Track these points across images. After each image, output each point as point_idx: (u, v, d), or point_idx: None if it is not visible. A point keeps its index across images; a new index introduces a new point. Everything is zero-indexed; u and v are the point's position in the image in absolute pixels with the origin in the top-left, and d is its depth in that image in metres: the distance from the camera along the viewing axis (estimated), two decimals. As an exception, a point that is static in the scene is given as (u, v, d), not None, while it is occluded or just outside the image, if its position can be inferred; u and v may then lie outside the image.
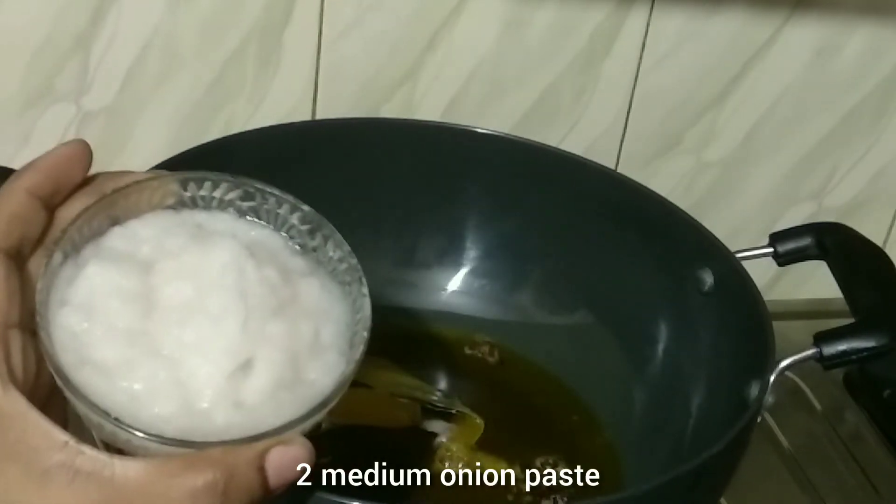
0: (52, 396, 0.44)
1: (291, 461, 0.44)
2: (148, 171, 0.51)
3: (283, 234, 0.50)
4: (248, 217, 0.50)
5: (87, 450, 0.42)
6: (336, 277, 0.49)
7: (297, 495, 0.50)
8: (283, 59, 0.78)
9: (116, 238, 0.47)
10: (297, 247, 0.50)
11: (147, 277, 0.46)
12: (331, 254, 0.50)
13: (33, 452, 0.41)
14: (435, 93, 0.82)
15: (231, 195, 0.50)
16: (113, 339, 0.44)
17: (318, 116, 0.81)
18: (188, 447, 0.42)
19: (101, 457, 0.42)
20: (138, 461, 0.42)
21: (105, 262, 0.46)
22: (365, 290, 0.49)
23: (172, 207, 0.49)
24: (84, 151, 0.47)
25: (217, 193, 0.50)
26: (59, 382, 0.43)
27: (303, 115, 0.80)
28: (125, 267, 0.46)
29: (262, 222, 0.50)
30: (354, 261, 0.49)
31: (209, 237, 0.47)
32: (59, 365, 0.43)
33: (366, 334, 0.48)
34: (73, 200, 0.47)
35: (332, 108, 0.80)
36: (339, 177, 0.73)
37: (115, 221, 0.47)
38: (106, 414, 0.42)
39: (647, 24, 0.83)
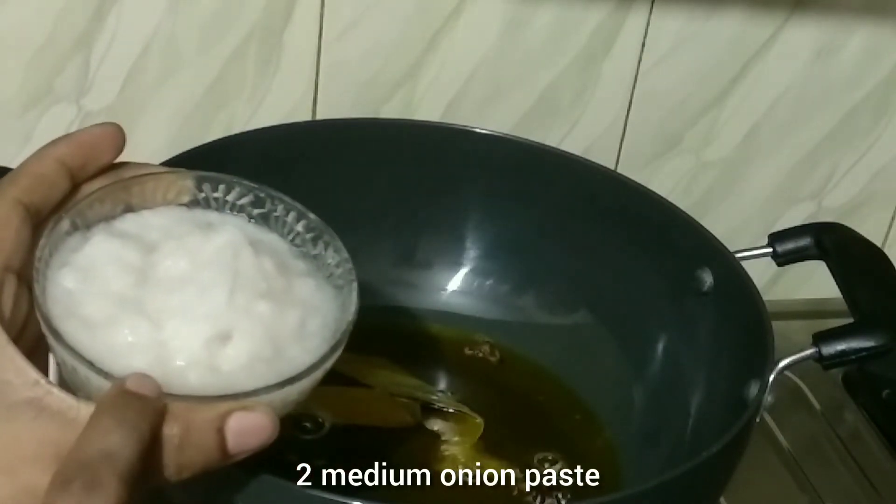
0: (36, 350, 0.45)
1: (252, 428, 0.44)
2: (168, 167, 0.52)
3: (288, 240, 0.52)
4: (256, 223, 0.52)
5: (56, 391, 0.43)
6: (332, 281, 0.51)
7: (298, 495, 0.50)
8: (283, 60, 0.78)
9: (128, 222, 0.49)
10: (300, 253, 0.52)
11: (149, 256, 0.48)
12: (329, 260, 0.51)
13: (4, 385, 0.42)
14: (435, 93, 0.82)
15: (243, 200, 0.52)
16: (103, 299, 0.46)
17: (319, 116, 0.81)
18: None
19: (69, 399, 0.43)
20: None
21: (112, 237, 0.48)
22: (356, 290, 0.50)
23: (186, 205, 0.51)
24: (117, 135, 0.49)
25: (230, 197, 0.52)
26: (43, 328, 0.44)
27: (303, 115, 0.80)
28: (130, 244, 0.48)
29: (269, 228, 0.52)
30: (350, 265, 0.51)
31: (214, 227, 0.50)
32: (47, 312, 0.45)
33: (349, 323, 0.49)
34: (96, 181, 0.49)
35: (333, 108, 0.80)
36: (339, 177, 0.73)
37: (129, 208, 0.50)
38: (81, 357, 0.43)
39: (647, 24, 0.83)
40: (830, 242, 0.69)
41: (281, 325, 0.48)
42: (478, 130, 0.76)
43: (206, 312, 0.46)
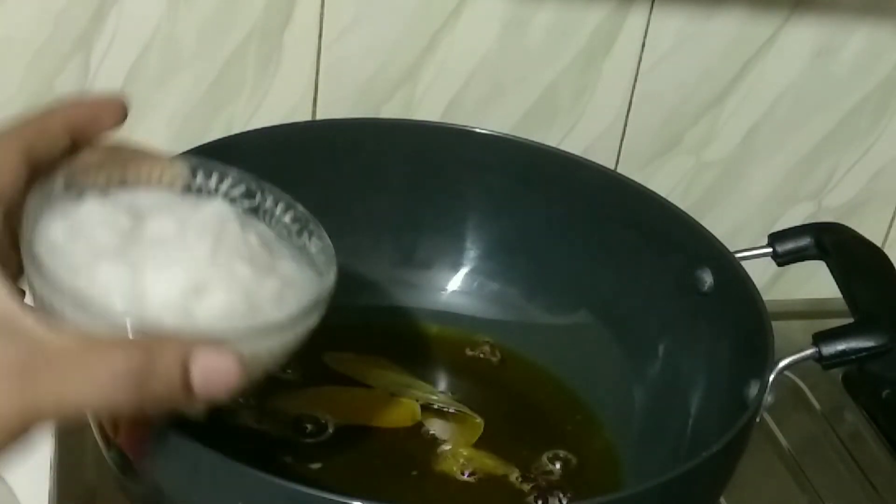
0: None
1: (219, 368, 0.44)
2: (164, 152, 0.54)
3: (275, 230, 0.53)
4: (245, 213, 0.53)
5: (32, 318, 0.43)
6: (314, 267, 0.52)
7: (298, 495, 0.50)
8: (283, 60, 0.78)
9: (121, 193, 0.51)
10: (286, 242, 0.53)
11: (138, 222, 0.49)
12: (312, 249, 0.53)
13: None
14: (435, 93, 0.82)
15: (235, 191, 0.53)
16: (88, 249, 0.47)
17: (319, 116, 0.81)
18: (126, 328, 0.44)
19: (43, 327, 0.43)
20: (72, 334, 0.43)
21: (104, 202, 0.50)
22: (335, 264, 0.51)
23: (178, 191, 0.52)
24: (122, 103, 0.51)
25: (223, 186, 0.53)
26: (25, 262, 0.46)
27: (303, 115, 0.80)
28: (121, 210, 0.50)
29: (257, 219, 0.53)
30: (331, 251, 0.52)
31: (204, 203, 0.52)
32: (30, 245, 0.45)
33: (329, 290, 0.50)
34: (95, 151, 0.50)
35: (333, 108, 0.80)
36: (339, 177, 0.73)
37: (123, 183, 0.51)
38: (59, 288, 0.44)
39: (647, 25, 0.83)
40: (830, 242, 0.69)
41: (259, 289, 0.48)
42: (478, 130, 0.76)
43: (186, 264, 0.47)
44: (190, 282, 0.47)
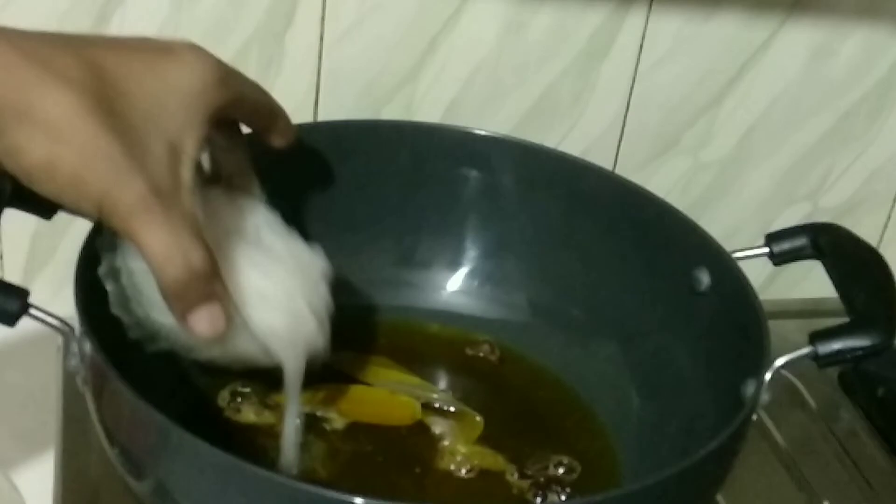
0: None
1: (215, 315, 0.53)
2: None
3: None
4: None
5: (190, 177, 0.54)
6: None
7: (298, 493, 0.50)
8: (284, 62, 0.79)
9: (248, 201, 0.62)
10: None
11: (257, 232, 0.60)
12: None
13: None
14: (435, 94, 0.82)
15: None
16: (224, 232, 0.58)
17: (320, 118, 0.81)
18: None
19: (192, 191, 0.54)
20: (198, 215, 0.53)
21: (239, 205, 0.61)
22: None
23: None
24: (294, 139, 0.63)
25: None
26: None
27: (304, 116, 0.80)
28: (250, 220, 0.61)
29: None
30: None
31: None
32: None
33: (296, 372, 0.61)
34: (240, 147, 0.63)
35: (334, 109, 0.81)
36: (340, 177, 0.74)
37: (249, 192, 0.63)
38: None
39: (645, 26, 0.83)
40: (826, 243, 0.69)
41: (300, 324, 0.59)
42: (478, 131, 0.76)
43: (276, 280, 0.58)
44: (265, 290, 0.57)
